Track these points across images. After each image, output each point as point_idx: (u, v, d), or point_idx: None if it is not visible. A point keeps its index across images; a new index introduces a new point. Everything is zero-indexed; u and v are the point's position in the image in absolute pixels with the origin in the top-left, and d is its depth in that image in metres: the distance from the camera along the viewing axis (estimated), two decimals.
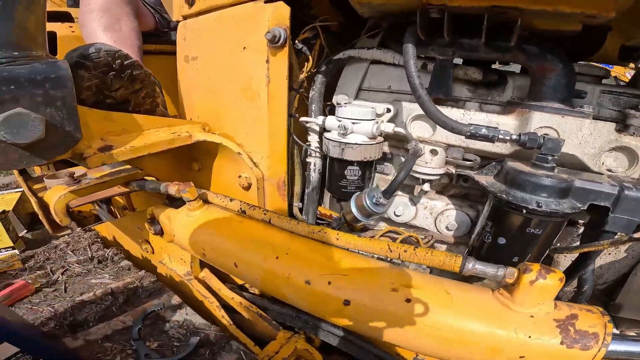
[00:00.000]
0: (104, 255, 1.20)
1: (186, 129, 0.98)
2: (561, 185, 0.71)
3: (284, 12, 0.87)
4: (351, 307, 0.68)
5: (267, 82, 0.91)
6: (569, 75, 0.79)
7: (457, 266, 0.63)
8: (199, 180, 1.16)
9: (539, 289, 0.58)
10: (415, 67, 0.82)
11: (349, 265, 0.72)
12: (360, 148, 0.88)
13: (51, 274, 1.08)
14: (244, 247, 0.82)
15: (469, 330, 0.61)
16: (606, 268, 0.96)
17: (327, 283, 0.70)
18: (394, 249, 0.69)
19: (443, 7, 0.78)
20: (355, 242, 0.74)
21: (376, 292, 0.67)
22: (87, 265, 1.17)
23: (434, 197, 1.00)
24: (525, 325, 0.59)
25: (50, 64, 0.64)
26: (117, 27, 1.28)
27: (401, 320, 0.64)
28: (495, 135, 0.74)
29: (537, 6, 0.70)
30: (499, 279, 0.61)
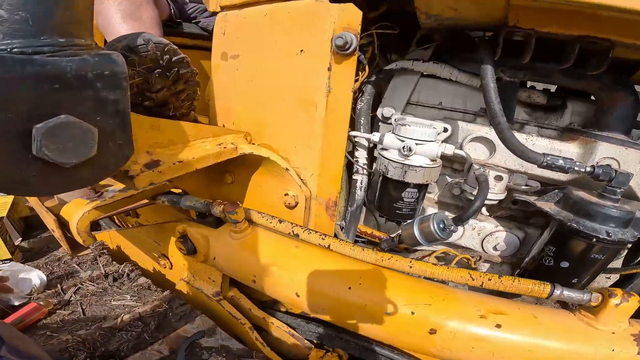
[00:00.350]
0: (117, 272, 1.11)
1: (231, 140, 0.93)
2: (628, 217, 0.78)
3: (356, 16, 0.84)
4: (438, 336, 0.72)
5: (326, 93, 0.88)
6: (635, 107, 0.85)
7: (545, 293, 0.69)
8: (231, 194, 1.11)
9: (622, 310, 0.68)
10: (496, 92, 0.84)
11: (430, 294, 0.74)
12: (424, 171, 0.89)
13: (62, 292, 0.98)
14: (306, 276, 0.80)
15: (557, 349, 0.69)
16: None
17: (410, 313, 0.72)
18: (475, 278, 0.71)
19: (531, 32, 0.80)
20: (431, 271, 0.75)
21: (464, 320, 0.71)
22: (102, 282, 1.07)
23: (482, 218, 1.05)
24: (610, 341, 0.69)
25: (103, 57, 0.52)
26: (137, 15, 1.18)
27: (492, 345, 0.70)
28: (571, 167, 0.79)
29: (628, 39, 0.74)
30: (584, 302, 0.70)
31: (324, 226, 1.04)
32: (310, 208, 1.02)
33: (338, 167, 0.95)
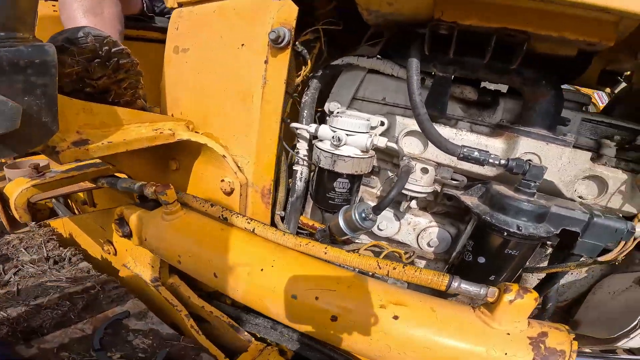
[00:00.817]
0: (60, 255, 1.17)
1: (169, 126, 1.00)
2: (540, 211, 0.82)
3: (292, 12, 0.91)
4: (338, 323, 0.74)
5: (262, 84, 0.95)
6: (558, 102, 0.91)
7: (443, 285, 0.72)
8: (176, 181, 1.18)
9: (517, 307, 0.68)
10: (418, 84, 0.90)
11: (337, 280, 0.79)
12: (353, 161, 0.95)
13: (3, 273, 1.05)
14: (226, 257, 0.86)
15: (452, 347, 0.69)
16: (567, 287, 1.11)
17: (314, 298, 0.76)
18: (383, 266, 0.76)
19: (454, 25, 0.87)
20: (344, 257, 0.80)
21: (364, 309, 0.74)
22: (42, 265, 1.14)
23: (417, 213, 1.10)
24: (502, 343, 0.69)
25: (36, 48, 0.63)
26: (98, 10, 1.27)
27: (388, 336, 0.71)
28: (486, 159, 0.84)
29: (545, 31, 0.80)
30: (481, 297, 0.70)
31: (260, 213, 1.10)
32: (247, 195, 1.08)
33: (271, 155, 1.01)
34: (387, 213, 1.10)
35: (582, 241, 0.86)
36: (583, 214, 0.84)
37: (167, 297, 1.12)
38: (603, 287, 1.07)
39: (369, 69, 1.14)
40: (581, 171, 0.92)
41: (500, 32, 0.84)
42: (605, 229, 0.84)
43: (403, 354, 0.71)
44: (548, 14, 0.79)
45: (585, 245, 0.86)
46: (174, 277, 1.18)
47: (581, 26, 0.78)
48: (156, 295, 1.12)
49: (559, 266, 0.91)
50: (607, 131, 1.00)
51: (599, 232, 0.84)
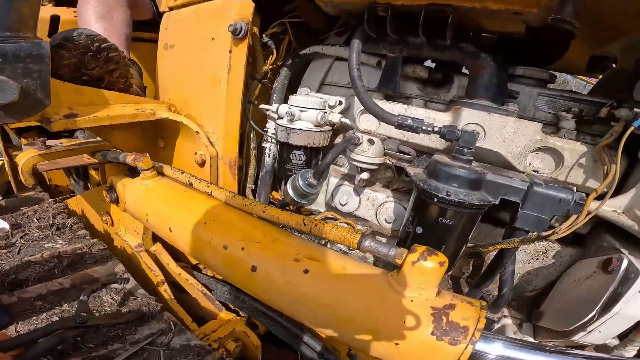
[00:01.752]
0: (64, 224, 1.36)
1: (151, 107, 1.15)
2: (471, 177, 0.80)
3: (249, 8, 1.05)
4: (257, 274, 0.78)
5: (228, 70, 1.07)
6: (500, 74, 0.90)
7: (355, 242, 0.71)
8: (163, 157, 1.32)
9: (420, 271, 0.63)
10: (357, 61, 0.96)
11: (264, 234, 0.84)
12: (305, 134, 1.01)
13: (11, 236, 1.24)
14: (179, 213, 0.96)
15: (352, 308, 0.68)
16: (534, 274, 1.03)
17: (240, 249, 0.81)
18: (307, 223, 0.80)
19: (387, 6, 0.92)
20: (277, 215, 0.85)
21: (280, 261, 0.77)
22: (46, 231, 1.32)
23: (377, 189, 1.12)
24: (402, 309, 0.64)
25: (34, 44, 0.83)
26: (108, 16, 1.49)
27: (297, 290, 0.73)
28: (419, 127, 0.86)
29: (468, 3, 0.82)
30: (389, 258, 0.67)
31: (228, 183, 1.19)
32: (218, 167, 1.19)
33: (235, 130, 1.12)
34: (348, 188, 1.14)
35: (523, 212, 0.82)
36: (522, 182, 0.81)
37: (147, 262, 1.25)
38: (570, 275, 0.99)
39: (336, 57, 1.22)
40: (532, 143, 0.89)
41: (430, 9, 0.87)
42: (547, 199, 0.79)
43: (310, 309, 0.72)
44: None
45: (527, 217, 0.82)
46: (157, 245, 1.31)
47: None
48: (138, 260, 1.25)
49: (503, 242, 0.87)
50: (566, 105, 0.96)
51: (541, 203, 0.80)
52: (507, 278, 0.98)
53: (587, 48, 1.36)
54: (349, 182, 1.13)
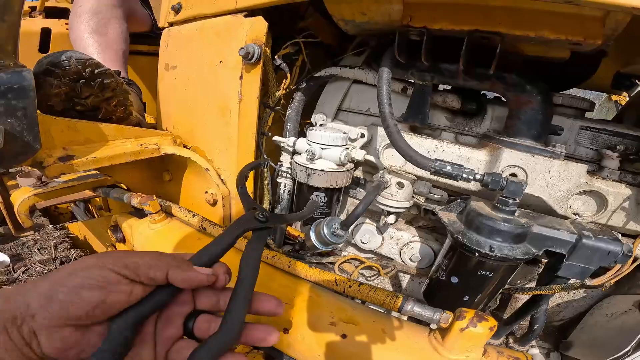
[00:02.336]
0: (67, 257, 1.25)
1: (155, 141, 1.03)
2: (517, 231, 0.73)
3: (261, 28, 0.91)
4: (290, 336, 0.72)
5: (239, 100, 0.95)
6: (546, 109, 0.81)
7: (396, 306, 0.66)
8: (169, 191, 1.21)
9: (469, 336, 0.62)
10: (388, 94, 0.85)
11: (295, 293, 0.76)
12: (327, 175, 0.91)
13: (13, 271, 1.13)
14: None
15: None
16: (564, 306, 0.99)
17: None
18: (340, 283, 0.72)
19: (423, 30, 0.81)
20: (305, 272, 0.77)
21: (314, 324, 0.71)
22: (49, 265, 1.22)
23: (401, 227, 1.03)
24: None
25: (15, 75, 0.69)
26: (103, 31, 1.35)
27: (335, 355, 0.68)
28: (459, 174, 0.77)
29: (519, 32, 0.72)
30: (434, 322, 0.65)
31: None
32: (231, 206, 1.09)
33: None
34: (370, 226, 1.05)
35: (569, 264, 0.75)
36: (570, 234, 0.74)
37: None
38: (601, 309, 0.94)
39: (354, 80, 1.10)
40: (575, 186, 0.81)
41: (473, 35, 0.76)
42: (595, 251, 0.73)
43: None
44: (521, 12, 0.71)
45: (572, 268, 0.76)
46: None
47: (561, 24, 0.69)
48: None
49: (543, 288, 0.81)
50: (609, 140, 0.88)
51: (589, 255, 0.73)
52: (539, 316, 0.92)
53: (614, 65, 1.27)
54: (371, 220, 1.05)
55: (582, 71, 1.09)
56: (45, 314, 0.34)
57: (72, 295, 0.35)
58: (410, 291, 1.09)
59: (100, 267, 0.38)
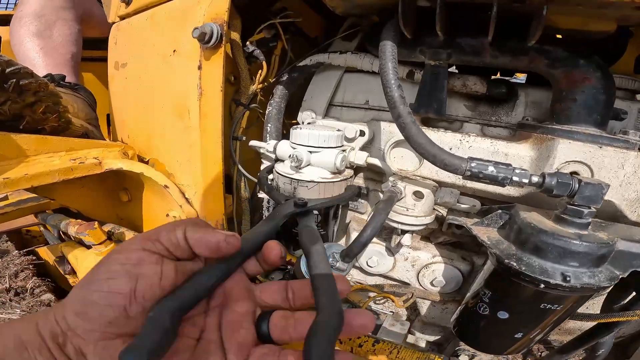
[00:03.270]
0: (24, 287, 1.02)
1: (95, 154, 0.76)
2: (600, 252, 0.49)
3: (222, 4, 0.68)
4: None
5: (198, 95, 0.70)
6: (608, 88, 0.57)
7: None
8: (130, 214, 0.95)
9: None
10: (395, 73, 0.61)
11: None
12: (318, 187, 0.66)
13: None
14: None
15: None
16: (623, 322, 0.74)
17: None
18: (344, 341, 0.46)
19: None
20: None
21: None
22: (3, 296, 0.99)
23: (417, 245, 0.78)
24: None
25: None
26: (47, 33, 1.16)
27: None
28: (507, 177, 0.52)
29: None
30: None
31: None
32: None
33: (217, 183, 0.74)
34: (377, 246, 0.79)
35: None
36: None
37: None
38: None
39: (345, 68, 0.86)
40: None
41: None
42: None
43: None
44: None
45: None
46: None
47: None
48: None
49: (623, 315, 0.57)
50: None
51: None
52: (606, 341, 0.68)
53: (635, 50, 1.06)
54: (379, 239, 0.78)
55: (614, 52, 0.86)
56: (85, 325, 0.30)
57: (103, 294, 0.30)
58: (432, 318, 0.83)
59: (120, 251, 0.33)
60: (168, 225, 0.36)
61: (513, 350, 0.62)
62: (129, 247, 0.34)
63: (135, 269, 0.32)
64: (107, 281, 0.31)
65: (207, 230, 0.36)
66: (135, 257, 0.33)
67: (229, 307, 0.37)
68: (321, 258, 0.41)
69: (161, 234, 0.35)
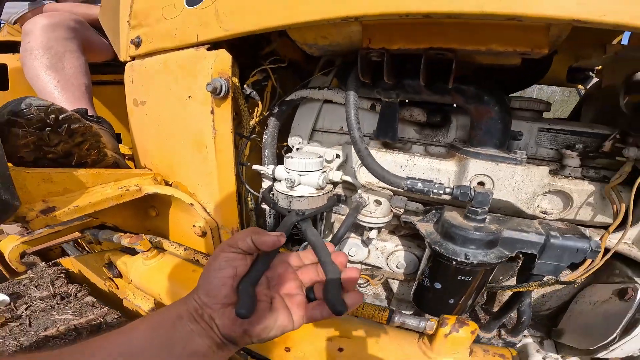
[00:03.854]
0: (67, 292, 1.24)
1: (135, 182, 1.00)
2: (488, 238, 0.74)
3: (226, 61, 0.89)
4: (292, 353, 0.74)
5: (213, 134, 0.93)
6: (504, 118, 0.82)
7: (384, 319, 0.70)
8: (158, 225, 1.18)
9: (453, 340, 0.66)
10: (356, 118, 0.85)
11: None
12: (308, 200, 0.90)
13: (15, 309, 1.11)
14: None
15: None
16: (548, 296, 1.01)
17: None
18: None
19: (382, 51, 0.81)
20: None
21: (313, 341, 0.73)
22: (50, 301, 1.20)
23: (385, 237, 1.03)
24: None
25: None
26: (59, 65, 1.25)
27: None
28: (430, 190, 0.77)
29: (470, 46, 0.73)
30: (420, 330, 0.68)
31: None
32: (221, 236, 1.07)
33: (232, 200, 0.99)
34: (355, 240, 1.05)
35: (541, 262, 0.77)
36: (538, 235, 0.75)
37: None
38: (585, 297, 0.96)
39: (324, 100, 1.09)
40: (540, 187, 0.83)
41: (429, 52, 0.76)
42: (564, 250, 0.75)
43: None
44: (469, 29, 0.72)
45: (544, 266, 0.78)
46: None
47: (508, 36, 0.70)
48: None
49: (521, 286, 0.83)
50: (568, 139, 0.89)
51: (558, 253, 0.76)
52: (525, 309, 0.95)
53: (567, 60, 1.29)
54: (356, 234, 1.04)
55: (536, 72, 1.10)
56: (211, 300, 0.46)
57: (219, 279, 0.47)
58: (402, 295, 1.10)
59: (221, 252, 0.50)
60: (240, 234, 0.51)
61: (454, 313, 0.85)
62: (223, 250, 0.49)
63: (233, 262, 0.48)
64: (220, 271, 0.47)
65: (265, 234, 0.51)
66: (232, 256, 0.49)
67: (284, 283, 0.54)
68: (323, 246, 0.60)
69: (238, 242, 0.50)
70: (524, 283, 0.84)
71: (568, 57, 1.34)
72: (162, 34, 0.99)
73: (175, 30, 0.95)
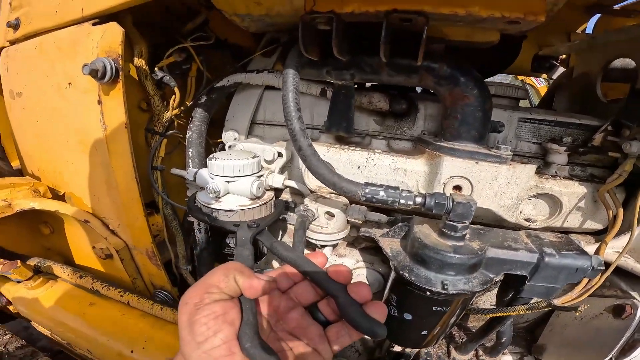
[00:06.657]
0: None
1: (4, 196, 0.70)
2: (471, 261, 0.54)
3: (116, 36, 0.62)
4: None
5: (103, 131, 0.65)
6: (484, 104, 0.62)
7: None
8: (55, 245, 0.89)
9: None
10: (295, 105, 0.61)
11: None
12: (238, 214, 0.66)
13: None
14: (96, 335, 0.64)
15: None
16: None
17: None
18: None
19: (331, 15, 0.57)
20: None
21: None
22: None
23: (342, 252, 0.81)
24: None
25: None
26: None
27: None
28: (396, 200, 0.56)
29: (447, 9, 0.52)
30: None
31: (154, 274, 0.81)
32: (134, 258, 0.80)
33: (139, 214, 0.72)
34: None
35: (532, 285, 0.59)
36: (530, 254, 0.57)
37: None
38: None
39: (265, 86, 0.84)
40: (525, 190, 0.65)
41: (393, 18, 0.54)
42: (561, 270, 0.57)
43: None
44: None
45: (535, 288, 0.59)
46: None
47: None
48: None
49: (505, 310, 0.65)
50: (552, 131, 0.72)
51: (554, 274, 0.57)
52: (506, 330, 0.78)
53: (531, 48, 1.14)
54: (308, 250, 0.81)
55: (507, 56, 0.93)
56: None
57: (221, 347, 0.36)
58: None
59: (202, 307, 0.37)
60: (219, 273, 0.40)
61: (425, 344, 0.67)
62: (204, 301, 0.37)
63: (228, 317, 0.37)
64: (216, 336, 0.36)
65: (251, 275, 0.40)
66: (220, 308, 0.37)
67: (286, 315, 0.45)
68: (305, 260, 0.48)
69: (220, 284, 0.39)
70: (509, 307, 0.66)
71: (532, 45, 1.20)
72: (42, 13, 0.70)
73: (57, 6, 0.67)
